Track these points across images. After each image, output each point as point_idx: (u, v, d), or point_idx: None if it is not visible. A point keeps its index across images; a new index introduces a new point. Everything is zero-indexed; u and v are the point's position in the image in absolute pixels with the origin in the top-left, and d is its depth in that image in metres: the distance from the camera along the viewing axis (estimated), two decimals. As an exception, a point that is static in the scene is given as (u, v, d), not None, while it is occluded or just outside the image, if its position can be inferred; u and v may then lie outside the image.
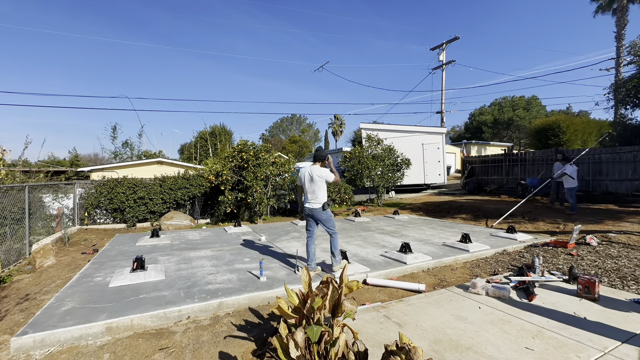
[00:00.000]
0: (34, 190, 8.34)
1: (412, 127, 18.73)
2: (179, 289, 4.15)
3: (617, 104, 17.14)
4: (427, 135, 18.81)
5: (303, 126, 60.28)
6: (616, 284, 4.25)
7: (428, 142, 18.93)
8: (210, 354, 2.85)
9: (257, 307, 3.84)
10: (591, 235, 6.49)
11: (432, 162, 18.75)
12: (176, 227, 9.57)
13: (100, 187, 10.22)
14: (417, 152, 18.50)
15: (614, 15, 20.63)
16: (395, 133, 17.80)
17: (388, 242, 6.84)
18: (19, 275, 5.41)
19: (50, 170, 16.69)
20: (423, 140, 18.86)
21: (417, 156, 18.20)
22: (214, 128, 29.31)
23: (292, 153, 35.75)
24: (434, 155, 18.95)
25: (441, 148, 19.12)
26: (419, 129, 18.76)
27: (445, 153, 19.57)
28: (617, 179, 13.57)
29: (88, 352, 2.92)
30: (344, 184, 11.77)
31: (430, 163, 18.69)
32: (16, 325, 3.56)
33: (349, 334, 2.70)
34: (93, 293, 4.06)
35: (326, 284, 2.59)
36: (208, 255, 5.91)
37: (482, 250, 6.00)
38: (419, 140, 18.76)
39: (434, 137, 19.07)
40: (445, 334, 3.01)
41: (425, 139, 18.86)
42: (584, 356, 2.59)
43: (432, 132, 19.22)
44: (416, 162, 17.99)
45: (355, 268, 4.88)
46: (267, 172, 10.46)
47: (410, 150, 17.60)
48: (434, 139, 19.12)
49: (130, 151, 23.57)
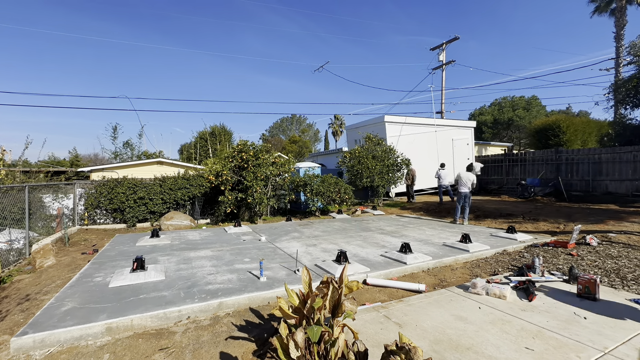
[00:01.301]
0: (34, 191, 8.34)
1: (439, 120, 16.97)
2: (179, 289, 4.15)
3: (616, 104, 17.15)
4: (455, 129, 16.89)
5: (303, 126, 60.27)
6: (616, 284, 4.25)
7: (457, 137, 16.87)
8: (210, 354, 2.85)
9: (257, 307, 3.84)
10: (591, 236, 6.50)
11: (462, 160, 16.71)
12: (176, 227, 9.57)
13: (100, 188, 10.22)
14: (446, 148, 16.52)
15: (612, 16, 20.65)
16: (422, 127, 16.06)
17: (388, 242, 6.84)
18: (19, 276, 5.41)
19: (50, 170, 16.69)
20: (453, 135, 16.75)
21: (446, 153, 16.37)
22: (214, 128, 29.31)
23: (292, 153, 35.75)
24: (463, 152, 17.00)
25: (471, 144, 17.36)
26: (447, 122, 16.95)
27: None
28: (617, 179, 13.57)
29: (88, 353, 2.92)
30: (343, 184, 11.76)
31: (460, 161, 16.65)
32: (16, 325, 3.56)
33: (349, 334, 2.70)
34: (93, 293, 4.06)
35: (326, 284, 2.59)
36: (208, 256, 5.91)
37: (482, 250, 6.01)
38: (449, 135, 16.63)
39: (462, 131, 17.19)
40: (445, 334, 3.01)
41: (455, 133, 16.80)
42: (584, 356, 2.59)
43: (461, 126, 17.29)
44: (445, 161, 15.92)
45: (355, 268, 4.88)
46: (267, 172, 10.46)
47: (439, 147, 16.15)
48: (463, 133, 17.18)
49: (130, 151, 23.57)
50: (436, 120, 16.69)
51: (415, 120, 16.23)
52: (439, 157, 15.92)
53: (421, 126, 16.10)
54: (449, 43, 18.44)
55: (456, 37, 18.06)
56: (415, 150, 15.28)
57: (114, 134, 23.42)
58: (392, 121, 15.33)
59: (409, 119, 15.90)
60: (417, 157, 15.22)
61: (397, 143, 14.98)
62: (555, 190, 14.34)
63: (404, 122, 15.57)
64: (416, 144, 15.64)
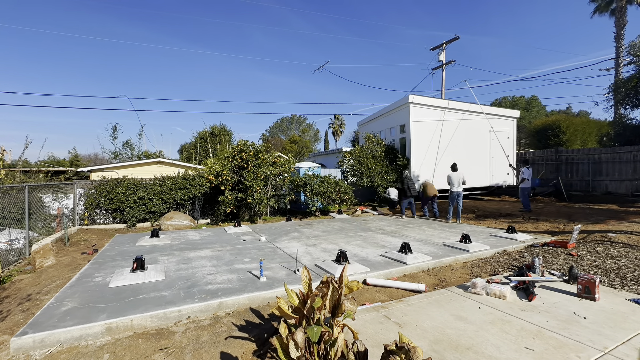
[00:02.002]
0: (34, 191, 8.34)
1: (475, 105, 13.81)
2: (178, 289, 4.15)
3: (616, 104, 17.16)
4: (495, 119, 14.16)
5: (303, 126, 60.27)
6: (616, 284, 4.25)
7: (496, 128, 13.92)
8: (210, 354, 2.85)
9: (257, 307, 3.84)
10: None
11: (501, 158, 13.97)
12: (176, 227, 9.57)
13: (100, 188, 10.22)
14: (481, 142, 13.98)
15: (612, 15, 20.66)
16: (454, 112, 13.51)
17: (388, 242, 6.84)
18: (18, 276, 5.41)
19: (50, 170, 16.69)
20: (490, 125, 13.79)
21: (480, 148, 13.96)
22: (214, 128, 29.32)
23: (292, 153, 35.75)
24: (503, 146, 13.90)
25: (512, 138, 14.74)
26: (486, 109, 13.90)
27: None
28: (617, 179, 13.58)
29: (88, 352, 2.92)
30: (343, 184, 11.76)
31: (498, 158, 14.08)
32: (16, 325, 3.56)
33: (348, 334, 2.70)
34: (93, 293, 4.06)
35: (326, 284, 2.59)
36: (208, 256, 5.91)
37: (482, 250, 6.01)
38: (485, 125, 13.74)
39: (503, 122, 14.47)
40: (445, 334, 3.01)
41: (494, 124, 13.85)
42: (584, 356, 2.59)
43: (502, 115, 14.68)
44: (479, 156, 13.84)
45: (355, 268, 4.88)
46: (267, 172, 10.46)
47: (472, 139, 13.71)
48: (504, 124, 14.42)
49: (130, 151, 23.57)
50: (472, 106, 13.90)
51: (445, 103, 13.55)
52: (473, 151, 13.86)
53: (452, 111, 13.48)
54: (449, 43, 18.43)
55: (456, 37, 18.06)
56: (441, 143, 13.34)
57: (114, 134, 23.44)
58: (418, 103, 12.88)
59: (438, 101, 13.51)
60: (445, 150, 13.36)
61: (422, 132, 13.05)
62: (555, 190, 14.35)
63: (431, 104, 13.24)
64: (444, 135, 13.47)
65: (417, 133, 13.04)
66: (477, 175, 14.00)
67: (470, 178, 12.72)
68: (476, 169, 13.87)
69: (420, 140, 13.11)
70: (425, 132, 13.19)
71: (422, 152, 13.09)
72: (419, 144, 13.08)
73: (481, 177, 14.19)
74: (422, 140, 13.12)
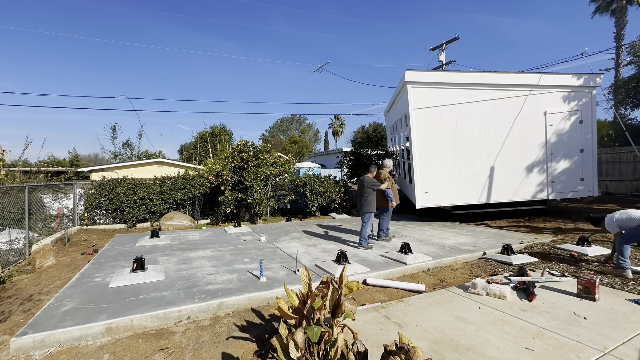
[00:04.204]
0: (34, 191, 8.33)
1: (517, 75, 9.16)
2: (178, 290, 4.15)
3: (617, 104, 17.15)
4: (553, 93, 9.12)
5: (303, 126, 60.28)
6: (616, 284, 4.25)
7: (556, 109, 9.11)
8: (210, 355, 2.84)
9: (257, 308, 3.84)
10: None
11: (567, 153, 9.28)
12: (176, 227, 9.57)
13: (100, 188, 10.22)
14: (530, 131, 9.12)
15: (613, 16, 20.65)
16: (480, 90, 8.93)
17: (388, 242, 6.83)
18: (18, 276, 5.41)
19: (50, 170, 16.69)
20: (546, 105, 9.08)
21: (530, 141, 9.13)
22: (214, 128, 29.33)
23: (292, 153, 35.76)
24: (570, 137, 9.23)
25: (589, 121, 9.26)
26: (534, 81, 9.02)
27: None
28: (617, 179, 13.58)
29: (88, 353, 2.91)
30: (344, 184, 11.77)
31: (561, 155, 9.26)
32: (16, 325, 3.55)
33: (348, 335, 2.70)
34: (93, 293, 4.06)
35: (326, 285, 2.59)
36: (208, 256, 5.90)
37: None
38: (536, 104, 9.06)
39: (569, 97, 9.19)
40: (445, 334, 3.01)
41: (550, 101, 9.10)
42: (584, 356, 2.58)
43: (566, 85, 9.17)
44: (529, 154, 9.12)
45: (355, 268, 4.88)
46: (267, 172, 10.46)
47: (516, 128, 9.02)
48: (571, 102, 9.19)
49: (130, 151, 23.58)
50: (511, 76, 9.06)
51: (467, 77, 8.99)
52: (517, 146, 9.09)
53: (478, 88, 8.92)
54: (449, 43, 18.43)
55: (456, 37, 18.06)
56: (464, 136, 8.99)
57: (113, 134, 23.45)
58: (420, 81, 8.83)
59: (455, 76, 8.99)
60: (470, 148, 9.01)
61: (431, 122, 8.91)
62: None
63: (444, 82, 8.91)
64: (467, 124, 8.98)
65: (421, 125, 8.90)
66: (525, 184, 9.17)
67: (512, 187, 9.09)
68: (523, 174, 9.16)
69: (428, 135, 8.92)
70: (436, 124, 8.95)
71: (432, 152, 8.97)
72: (426, 140, 8.92)
73: (532, 187, 9.20)
74: (430, 136, 8.93)
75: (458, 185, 9.02)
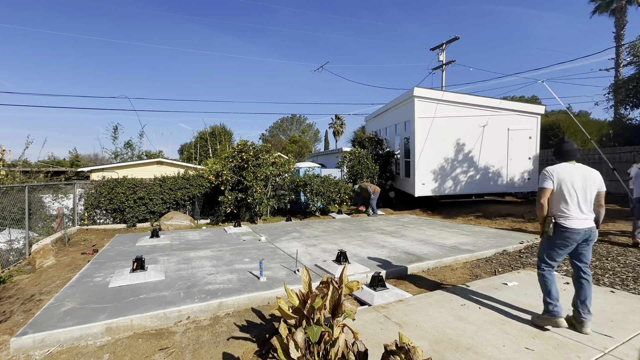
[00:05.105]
0: (34, 191, 8.33)
1: (492, 100, 12.60)
2: (178, 289, 4.14)
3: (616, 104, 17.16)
4: (514, 115, 12.76)
5: (303, 126, 60.28)
6: (616, 283, 4.25)
7: (516, 127, 12.68)
8: (210, 354, 2.84)
9: (257, 307, 3.84)
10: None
11: (520, 159, 12.85)
12: (176, 227, 9.57)
13: (100, 188, 10.22)
14: (498, 142, 12.54)
15: (612, 15, 20.65)
16: (465, 108, 12.10)
17: (388, 242, 6.83)
18: (18, 276, 5.41)
19: (50, 170, 16.69)
20: (509, 123, 12.57)
21: (497, 149, 12.56)
22: (214, 128, 29.33)
23: (292, 153, 35.75)
24: (522, 148, 12.84)
25: (534, 138, 13.02)
26: (504, 105, 12.69)
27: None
28: (617, 179, 13.55)
29: (88, 353, 2.91)
30: (343, 185, 11.76)
31: (516, 160, 12.81)
32: (16, 325, 3.55)
33: (349, 334, 2.70)
34: (93, 293, 4.06)
35: (326, 284, 2.59)
36: (208, 256, 5.90)
37: (483, 251, 6.00)
38: (503, 122, 12.50)
39: (524, 119, 12.87)
40: (445, 334, 3.01)
41: (512, 121, 12.65)
42: (584, 356, 2.58)
43: (524, 111, 12.96)
44: (496, 159, 12.54)
45: (355, 268, 4.88)
46: (267, 172, 10.46)
47: (488, 139, 12.39)
48: (525, 122, 12.86)
49: (130, 151, 23.59)
50: (488, 100, 12.46)
51: (457, 97, 12.10)
52: (488, 152, 12.47)
53: (464, 107, 12.11)
54: (449, 43, 18.43)
55: (456, 37, 18.06)
56: (451, 142, 12.16)
57: (115, 134, 23.44)
58: (425, 96, 11.55)
59: (449, 95, 12.06)
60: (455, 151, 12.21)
61: (428, 129, 11.75)
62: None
63: (441, 99, 11.79)
64: (454, 133, 12.16)
65: (422, 131, 11.70)
66: (492, 180, 12.71)
67: (484, 183, 12.51)
68: (491, 173, 12.68)
69: (426, 138, 11.74)
70: (432, 130, 11.77)
71: (427, 152, 11.79)
72: (424, 143, 11.74)
73: (497, 183, 12.77)
74: (428, 139, 11.75)
75: (445, 180, 12.14)
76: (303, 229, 8.62)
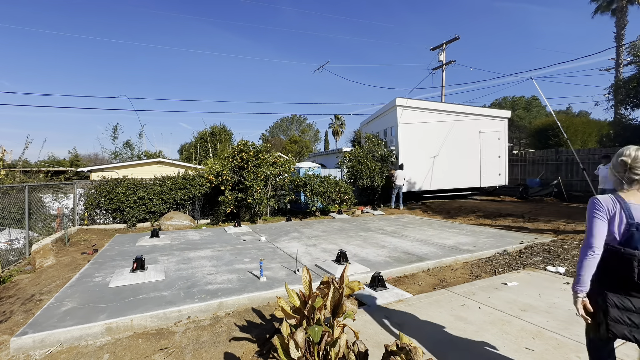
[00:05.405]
0: (34, 191, 8.33)
1: (465, 107, 14.46)
2: (178, 289, 4.14)
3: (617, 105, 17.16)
4: (485, 120, 14.59)
5: (303, 126, 60.26)
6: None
7: (486, 129, 14.48)
8: (210, 354, 2.84)
9: (258, 307, 3.84)
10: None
11: (491, 158, 14.65)
12: (176, 227, 9.56)
13: (100, 187, 10.22)
14: (471, 143, 14.36)
15: (613, 15, 20.66)
16: (442, 114, 13.86)
17: (388, 242, 6.83)
18: (19, 276, 5.41)
19: (50, 170, 16.69)
20: (480, 126, 14.40)
21: (471, 149, 14.35)
22: (214, 128, 29.31)
23: (292, 153, 35.75)
24: (493, 147, 14.66)
25: (503, 138, 14.95)
26: (474, 110, 14.61)
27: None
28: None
29: (88, 352, 2.91)
30: (343, 184, 11.75)
31: (488, 159, 14.57)
32: (16, 325, 3.55)
33: (349, 334, 2.70)
34: (93, 293, 4.06)
35: (327, 284, 2.59)
36: (208, 256, 5.90)
37: (484, 251, 5.99)
38: (475, 126, 14.34)
39: (493, 122, 14.75)
40: (445, 334, 3.01)
41: (483, 125, 14.47)
42: (584, 356, 2.58)
43: (492, 115, 14.94)
44: (470, 157, 14.29)
45: (356, 268, 4.88)
46: (267, 172, 10.46)
47: (463, 140, 14.14)
48: (494, 125, 14.73)
49: (130, 151, 23.57)
50: (461, 107, 14.38)
51: (435, 105, 14.04)
52: (463, 152, 14.21)
53: (441, 113, 13.91)
54: (449, 43, 18.44)
55: (456, 37, 18.06)
56: (431, 144, 13.79)
57: (114, 133, 23.42)
58: (405, 105, 13.25)
59: (427, 104, 13.93)
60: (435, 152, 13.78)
61: (411, 133, 13.40)
62: (556, 190, 14.35)
63: (420, 107, 13.64)
64: (433, 136, 13.82)
65: (405, 135, 13.40)
66: (467, 176, 14.44)
67: (460, 179, 14.29)
68: (467, 170, 14.36)
69: (409, 142, 13.49)
70: (414, 134, 13.52)
71: (411, 154, 13.44)
72: (408, 146, 13.47)
73: (472, 178, 14.52)
74: (411, 142, 13.50)
75: (427, 177, 13.79)
76: (303, 229, 8.62)
